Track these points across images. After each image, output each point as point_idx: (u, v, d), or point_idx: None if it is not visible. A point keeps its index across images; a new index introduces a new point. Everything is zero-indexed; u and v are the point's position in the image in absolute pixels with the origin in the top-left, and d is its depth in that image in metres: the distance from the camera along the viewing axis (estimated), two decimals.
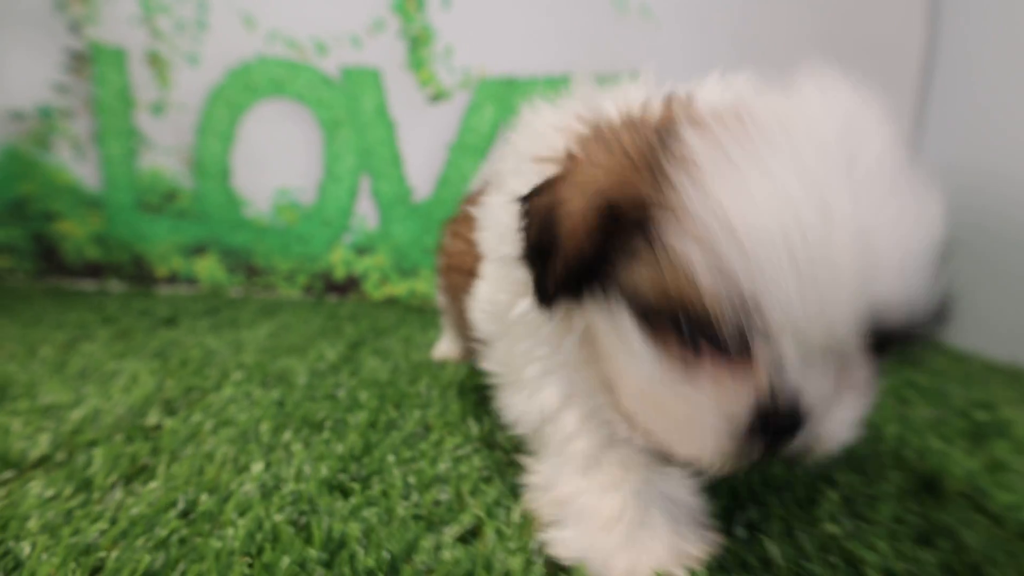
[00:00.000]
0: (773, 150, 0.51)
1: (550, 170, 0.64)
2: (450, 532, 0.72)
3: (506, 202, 0.71)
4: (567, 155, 0.63)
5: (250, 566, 0.63)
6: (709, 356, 0.55)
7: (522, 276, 0.66)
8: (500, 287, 0.78)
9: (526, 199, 0.64)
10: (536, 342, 0.74)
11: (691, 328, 0.54)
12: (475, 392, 1.20)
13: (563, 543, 0.68)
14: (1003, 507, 0.82)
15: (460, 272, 0.98)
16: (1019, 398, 1.33)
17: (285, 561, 0.63)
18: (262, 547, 0.66)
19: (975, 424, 1.13)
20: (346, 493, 0.81)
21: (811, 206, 0.49)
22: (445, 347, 1.50)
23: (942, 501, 0.84)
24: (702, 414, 0.56)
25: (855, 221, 0.49)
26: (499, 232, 0.76)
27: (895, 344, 0.55)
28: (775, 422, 0.54)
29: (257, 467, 0.86)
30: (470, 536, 0.72)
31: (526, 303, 0.70)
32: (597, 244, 0.57)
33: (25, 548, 0.65)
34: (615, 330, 0.61)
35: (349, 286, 2.31)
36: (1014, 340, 1.68)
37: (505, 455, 0.92)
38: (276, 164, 2.25)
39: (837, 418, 0.56)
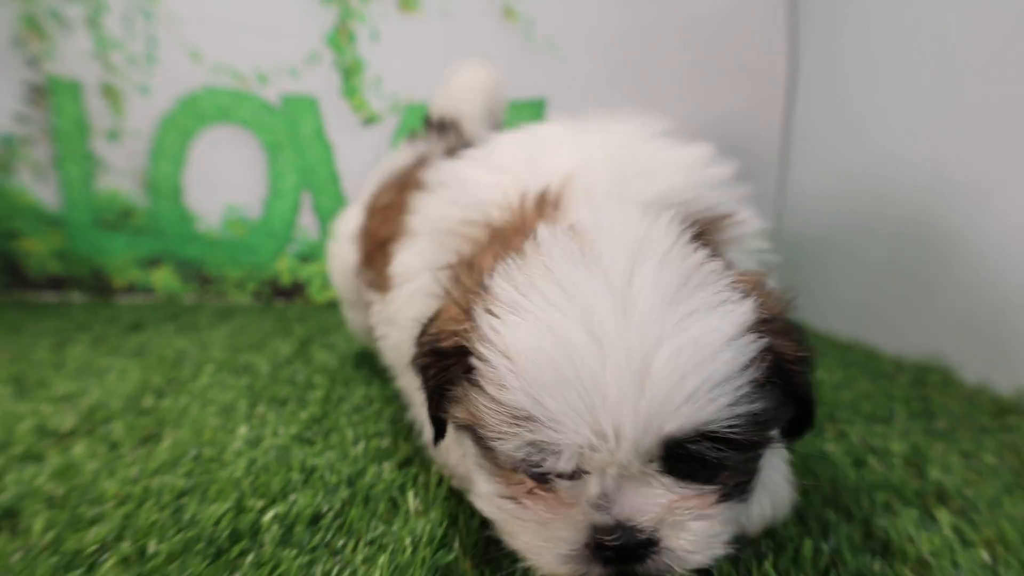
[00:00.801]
0: (560, 291, 0.58)
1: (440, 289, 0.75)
2: (389, 464, 1.02)
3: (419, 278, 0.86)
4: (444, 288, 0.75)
5: (251, 484, 0.92)
6: (537, 483, 0.60)
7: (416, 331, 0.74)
8: (404, 335, 0.85)
9: (421, 335, 0.72)
10: None
11: (514, 457, 0.59)
12: None
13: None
14: None
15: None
16: (837, 364, 1.70)
17: (276, 479, 0.93)
18: (258, 474, 0.95)
19: None
20: (312, 443, 1.10)
21: (587, 342, 0.54)
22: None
23: None
24: (533, 535, 0.61)
25: (630, 352, 0.53)
26: (410, 292, 0.88)
27: (718, 467, 0.58)
28: (609, 543, 0.57)
29: (242, 430, 1.14)
30: (404, 465, 1.03)
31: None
32: (435, 382, 0.67)
33: (88, 477, 0.92)
34: (467, 449, 0.70)
35: (295, 291, 2.57)
36: (857, 321, 2.05)
37: None
38: (225, 183, 2.49)
39: (685, 538, 0.59)
